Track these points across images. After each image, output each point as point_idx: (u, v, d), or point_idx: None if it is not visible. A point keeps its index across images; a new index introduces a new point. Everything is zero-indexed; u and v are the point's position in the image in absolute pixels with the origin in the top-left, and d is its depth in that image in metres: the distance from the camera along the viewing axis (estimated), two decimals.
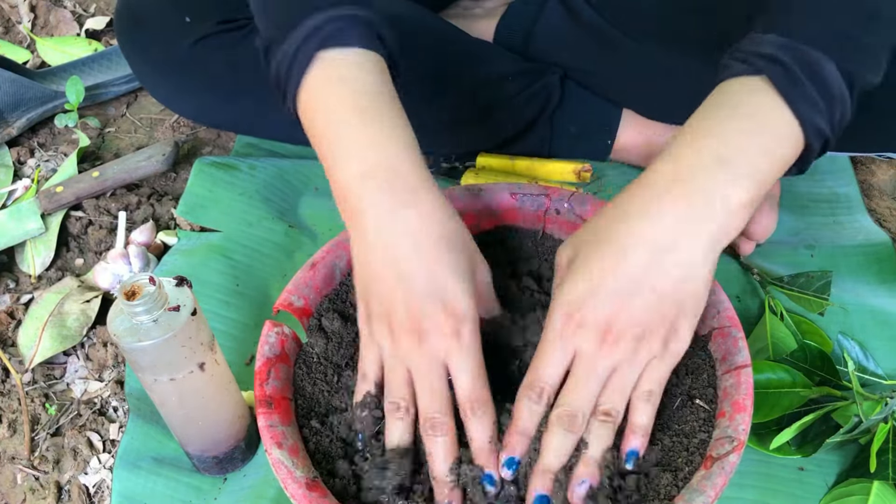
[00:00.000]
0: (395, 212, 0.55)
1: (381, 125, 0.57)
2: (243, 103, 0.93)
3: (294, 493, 0.55)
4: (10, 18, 1.22)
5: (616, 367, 0.54)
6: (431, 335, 0.55)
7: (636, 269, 0.52)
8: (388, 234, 0.56)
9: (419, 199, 0.56)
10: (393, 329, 0.56)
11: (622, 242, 0.53)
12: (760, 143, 0.52)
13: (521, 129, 0.91)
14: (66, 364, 0.82)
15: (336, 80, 0.58)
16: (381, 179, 0.56)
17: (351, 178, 0.56)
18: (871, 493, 0.63)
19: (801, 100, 0.52)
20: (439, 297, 0.55)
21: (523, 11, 0.92)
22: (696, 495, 0.53)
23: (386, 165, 0.56)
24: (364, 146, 0.57)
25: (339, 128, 0.57)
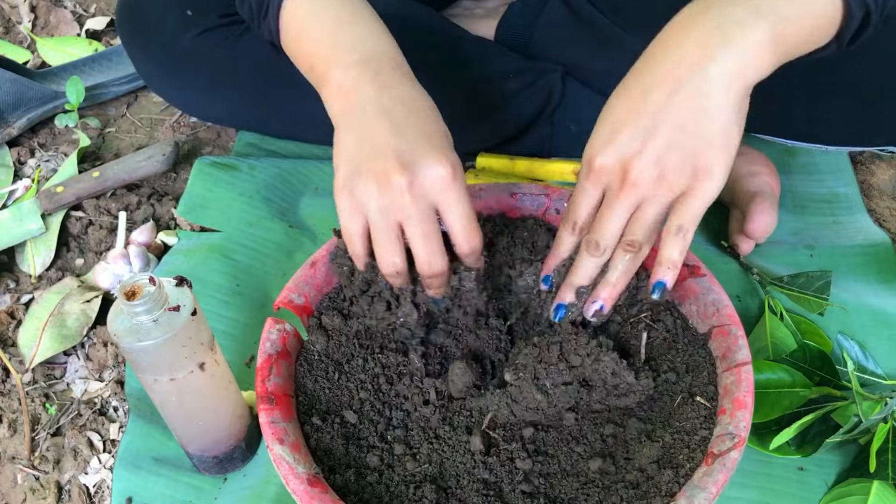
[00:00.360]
0: (388, 87, 0.59)
1: (370, 23, 0.63)
2: (245, 97, 0.93)
3: (296, 489, 0.55)
4: (11, 18, 1.22)
5: (640, 203, 0.57)
6: (424, 177, 0.56)
7: (654, 106, 0.54)
8: (384, 100, 0.58)
9: (411, 80, 0.61)
10: (381, 180, 0.57)
11: (642, 83, 0.55)
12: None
13: (522, 127, 0.92)
14: (67, 364, 0.82)
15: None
16: (378, 63, 0.60)
17: (348, 65, 0.60)
18: (870, 492, 0.63)
19: None
20: (434, 146, 0.57)
21: (524, 10, 0.92)
22: (698, 492, 0.54)
23: (380, 53, 0.61)
24: (360, 39, 0.62)
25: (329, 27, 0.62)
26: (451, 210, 0.57)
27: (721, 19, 0.53)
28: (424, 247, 0.57)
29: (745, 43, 0.52)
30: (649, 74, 0.55)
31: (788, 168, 0.94)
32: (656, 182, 0.55)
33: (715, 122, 0.53)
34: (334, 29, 0.62)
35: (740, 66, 0.53)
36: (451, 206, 0.57)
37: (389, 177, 0.56)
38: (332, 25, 0.62)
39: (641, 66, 0.57)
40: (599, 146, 0.56)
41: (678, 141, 0.53)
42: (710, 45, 0.52)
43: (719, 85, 0.53)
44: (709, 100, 0.53)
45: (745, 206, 0.82)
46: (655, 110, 0.54)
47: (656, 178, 0.54)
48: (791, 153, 0.95)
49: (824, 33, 0.55)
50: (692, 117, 0.53)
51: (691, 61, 0.53)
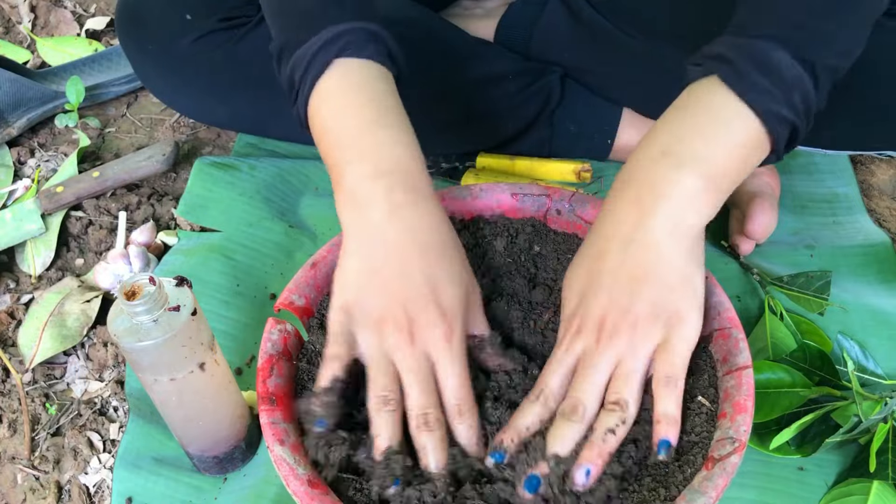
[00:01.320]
0: (402, 208, 0.58)
1: (393, 131, 0.60)
2: (244, 101, 0.93)
3: (296, 490, 0.55)
4: (11, 18, 1.22)
5: (619, 360, 0.56)
6: (425, 334, 0.56)
7: (612, 264, 0.56)
8: (393, 228, 0.57)
9: (425, 201, 0.59)
10: (382, 325, 0.57)
11: (595, 248, 0.58)
12: (709, 132, 0.55)
13: (522, 128, 0.92)
14: (67, 364, 0.82)
15: (351, 85, 0.61)
16: (392, 179, 0.58)
17: (363, 176, 0.58)
18: (870, 492, 0.64)
19: (750, 89, 0.55)
20: (436, 298, 0.57)
21: (524, 11, 0.92)
22: (698, 496, 0.53)
23: (398, 167, 0.59)
24: (378, 148, 0.59)
25: (352, 130, 0.60)
26: (444, 369, 0.57)
27: (648, 179, 0.56)
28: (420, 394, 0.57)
29: (677, 194, 0.55)
30: (600, 238, 0.58)
31: (788, 168, 0.94)
32: (631, 334, 0.55)
33: (672, 269, 0.55)
34: (356, 133, 0.60)
35: (680, 215, 0.55)
36: (444, 366, 0.57)
37: (389, 332, 0.57)
38: (354, 128, 0.60)
39: (592, 233, 0.59)
40: (570, 314, 0.58)
41: (641, 292, 0.55)
42: (644, 202, 0.55)
43: (663, 235, 0.55)
44: (659, 250, 0.55)
45: (745, 206, 0.82)
46: (613, 268, 0.56)
47: (630, 330, 0.55)
48: (791, 154, 0.95)
49: (758, 155, 0.57)
50: (648, 268, 0.55)
51: (633, 220, 0.56)
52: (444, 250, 0.59)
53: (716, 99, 0.56)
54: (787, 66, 0.54)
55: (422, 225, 0.58)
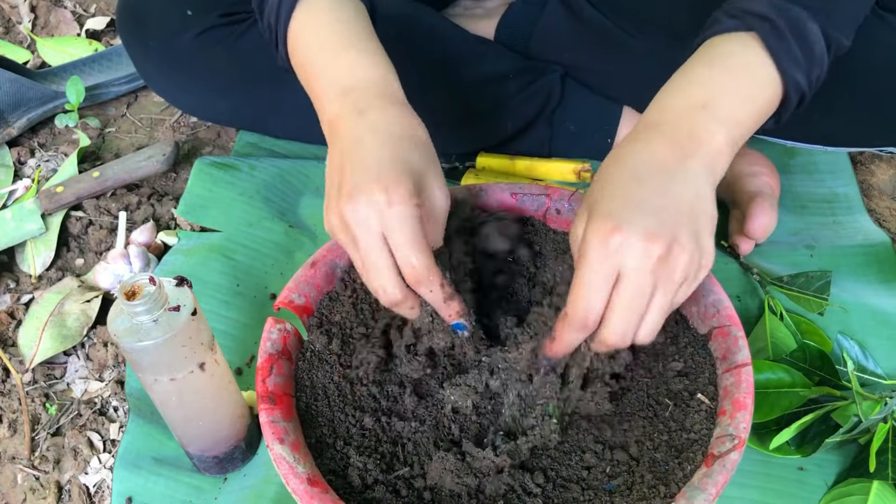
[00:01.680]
0: (366, 113, 0.59)
1: (358, 51, 0.63)
2: (245, 96, 0.93)
3: (296, 489, 0.55)
4: (11, 18, 1.22)
5: (657, 285, 0.53)
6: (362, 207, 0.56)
7: (653, 191, 0.53)
8: (357, 129, 0.59)
9: (389, 105, 0.60)
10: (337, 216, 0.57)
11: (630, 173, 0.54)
12: (743, 92, 0.56)
13: (522, 127, 0.92)
14: (67, 364, 0.82)
15: (316, 16, 0.64)
16: (357, 94, 0.61)
17: (333, 96, 0.61)
18: (870, 492, 0.63)
19: (786, 55, 0.55)
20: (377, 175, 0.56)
21: (524, 11, 0.92)
22: (698, 493, 0.54)
23: (362, 82, 0.61)
24: (345, 69, 0.62)
25: (320, 55, 0.63)
26: (391, 236, 0.56)
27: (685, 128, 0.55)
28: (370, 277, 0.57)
29: (711, 146, 0.55)
30: (636, 165, 0.55)
31: (788, 168, 0.94)
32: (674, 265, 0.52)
33: (706, 208, 0.55)
34: (324, 60, 0.63)
35: (713, 164, 0.55)
36: (391, 233, 0.56)
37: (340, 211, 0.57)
38: (323, 56, 0.63)
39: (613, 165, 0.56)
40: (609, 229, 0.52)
41: (685, 223, 0.53)
42: (685, 146, 0.55)
43: (703, 177, 0.55)
44: (699, 190, 0.54)
45: (745, 206, 0.82)
46: (656, 194, 0.53)
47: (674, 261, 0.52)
48: (791, 153, 0.95)
49: (765, 118, 0.58)
50: (692, 204, 0.54)
51: (675, 157, 0.54)
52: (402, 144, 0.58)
53: (754, 60, 0.56)
54: (816, 39, 0.55)
55: (382, 124, 0.59)
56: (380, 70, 0.62)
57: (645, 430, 0.61)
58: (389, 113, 0.60)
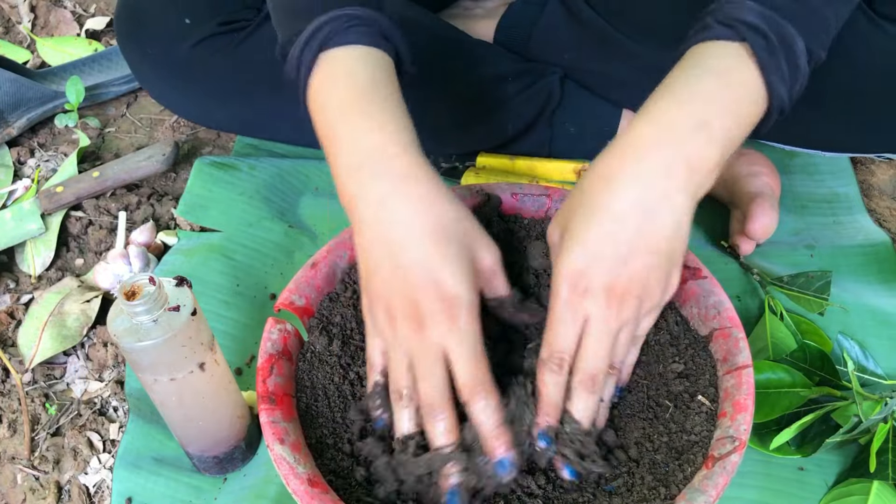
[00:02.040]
0: (386, 199, 0.55)
1: (374, 116, 0.58)
2: (243, 105, 0.93)
3: (296, 489, 0.55)
4: (11, 18, 1.22)
5: (623, 325, 0.56)
6: (427, 321, 0.55)
7: (631, 232, 0.54)
8: (381, 222, 0.56)
9: (410, 185, 0.56)
10: (392, 318, 0.57)
11: (613, 208, 0.54)
12: (737, 110, 0.55)
13: (521, 129, 0.92)
14: (66, 364, 0.82)
15: (334, 77, 0.59)
16: (372, 167, 0.56)
17: (344, 169, 0.57)
18: (870, 493, 0.64)
19: (775, 71, 0.54)
20: (434, 283, 0.55)
21: (523, 12, 0.92)
22: (698, 495, 0.54)
23: (377, 153, 0.56)
24: (356, 136, 0.57)
25: (336, 122, 0.58)
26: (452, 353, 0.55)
27: (683, 150, 0.54)
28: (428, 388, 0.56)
29: (704, 171, 0.54)
30: (616, 199, 0.54)
31: (789, 168, 0.94)
32: (640, 302, 0.55)
33: (682, 245, 0.55)
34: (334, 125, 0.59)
35: (699, 191, 0.55)
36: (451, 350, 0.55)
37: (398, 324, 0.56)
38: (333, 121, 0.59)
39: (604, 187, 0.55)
40: (578, 272, 0.54)
41: (657, 263, 0.54)
42: (674, 175, 0.53)
43: (684, 211, 0.54)
44: (679, 226, 0.54)
45: (745, 206, 0.82)
46: (632, 237, 0.54)
47: (640, 299, 0.55)
48: (791, 154, 0.96)
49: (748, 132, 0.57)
50: (665, 244, 0.54)
51: (659, 191, 0.54)
52: (437, 233, 0.56)
53: (748, 75, 0.55)
54: (801, 54, 0.55)
55: (408, 213, 0.55)
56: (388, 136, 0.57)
57: (645, 431, 0.61)
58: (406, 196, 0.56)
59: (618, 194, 0.54)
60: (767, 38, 0.54)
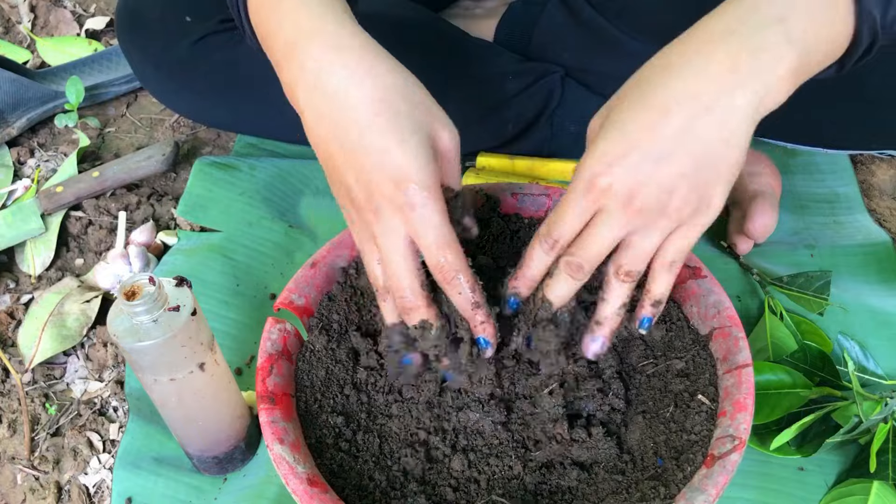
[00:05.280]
0: (321, 75, 0.52)
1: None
2: (244, 103, 0.93)
3: (295, 489, 0.55)
4: (10, 18, 1.22)
5: (636, 230, 0.52)
6: (384, 209, 0.52)
7: (674, 129, 0.49)
8: (319, 100, 0.52)
9: (349, 56, 0.52)
10: (356, 208, 0.54)
11: (662, 98, 0.49)
12: (820, 16, 0.49)
13: (522, 128, 0.92)
14: (66, 364, 0.82)
15: None
16: (301, 49, 0.53)
17: (282, 49, 0.54)
18: (870, 493, 0.63)
19: None
20: (385, 165, 0.51)
21: (524, 11, 0.92)
22: (698, 494, 0.54)
23: (303, 34, 0.53)
24: (283, 25, 0.54)
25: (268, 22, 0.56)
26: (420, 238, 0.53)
27: (753, 42, 0.48)
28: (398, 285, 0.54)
29: (775, 73, 0.48)
30: (669, 88, 0.49)
31: (789, 168, 0.94)
32: (661, 212, 0.50)
33: (731, 155, 0.50)
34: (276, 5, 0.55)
35: (765, 97, 0.49)
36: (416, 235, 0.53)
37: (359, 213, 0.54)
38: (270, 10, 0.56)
39: (658, 75, 0.50)
40: (605, 163, 0.50)
41: (693, 171, 0.49)
42: (740, 69, 0.48)
43: (744, 116, 0.49)
44: (731, 131, 0.49)
45: (745, 205, 0.82)
46: (675, 134, 0.49)
47: (662, 208, 0.50)
48: (791, 153, 0.95)
49: (833, 58, 0.51)
50: (712, 148, 0.49)
51: (719, 84, 0.48)
52: (380, 99, 0.51)
53: None
54: None
55: (348, 86, 0.51)
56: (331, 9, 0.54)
57: (645, 430, 0.61)
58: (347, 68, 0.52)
59: (671, 84, 0.49)
60: None
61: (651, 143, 0.49)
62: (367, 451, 0.62)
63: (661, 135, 0.49)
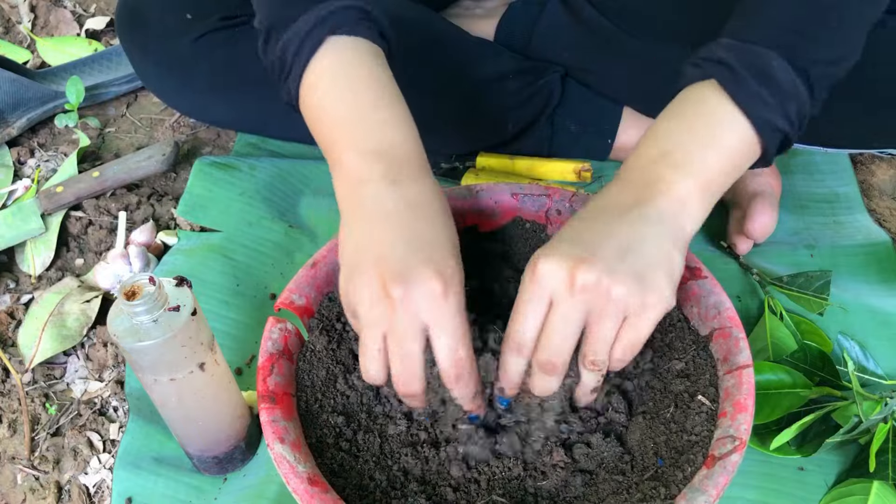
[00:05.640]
0: (398, 184, 0.57)
1: (390, 112, 0.60)
2: (245, 100, 0.93)
3: (296, 488, 0.55)
4: (10, 18, 1.22)
5: (592, 317, 0.54)
6: (416, 293, 0.54)
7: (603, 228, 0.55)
8: (388, 201, 0.57)
9: (420, 179, 0.59)
10: (372, 290, 0.55)
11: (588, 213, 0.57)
12: (705, 137, 0.56)
13: (522, 128, 0.92)
14: (66, 364, 0.82)
15: (345, 64, 0.60)
16: (389, 159, 0.58)
17: (360, 154, 0.58)
18: (870, 493, 0.64)
19: (748, 97, 0.55)
20: (430, 259, 0.55)
21: (524, 11, 0.92)
22: (698, 494, 0.54)
23: (395, 149, 0.59)
24: (376, 130, 0.59)
25: (349, 110, 0.60)
26: (438, 332, 0.55)
27: (648, 176, 0.56)
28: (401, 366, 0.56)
29: (674, 193, 0.55)
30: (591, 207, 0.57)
31: (788, 168, 0.94)
32: (605, 293, 0.53)
33: (658, 248, 0.54)
34: (353, 113, 0.60)
35: (675, 213, 0.55)
36: (439, 328, 0.54)
37: (378, 299, 0.54)
38: (351, 109, 0.60)
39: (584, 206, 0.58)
40: (543, 254, 0.54)
41: (624, 258, 0.53)
42: (642, 196, 0.55)
43: (659, 224, 0.54)
44: (650, 230, 0.54)
45: (745, 205, 0.82)
46: (603, 230, 0.55)
47: (605, 289, 0.52)
48: (791, 153, 0.95)
49: (747, 161, 0.57)
50: (636, 241, 0.54)
51: (630, 202, 0.55)
52: (439, 218, 0.58)
53: (712, 104, 0.56)
54: (784, 74, 0.55)
55: (421, 195, 0.58)
56: (406, 135, 0.60)
57: (645, 431, 0.61)
58: (420, 186, 0.58)
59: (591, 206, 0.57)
60: (731, 67, 0.55)
61: (577, 236, 0.55)
62: (367, 451, 0.62)
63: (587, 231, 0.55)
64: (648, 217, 0.54)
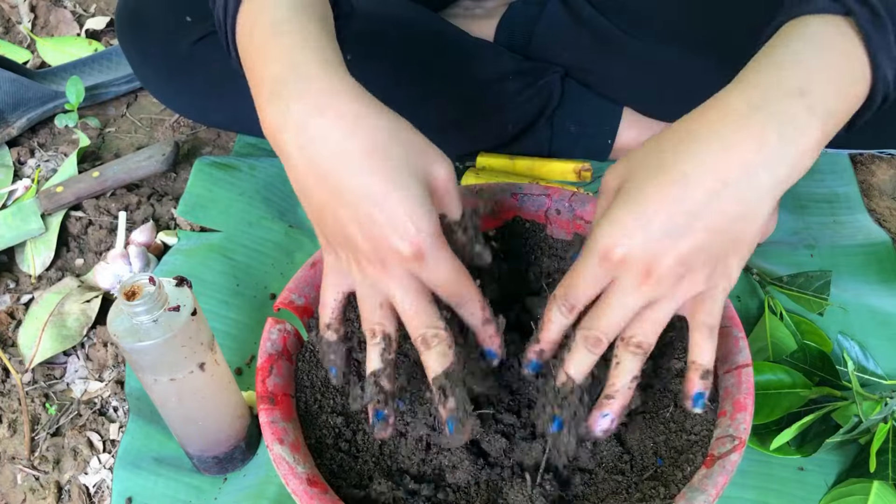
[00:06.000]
0: (308, 122, 0.50)
1: (292, 39, 0.53)
2: (244, 103, 0.92)
3: (295, 489, 0.55)
4: (10, 18, 1.22)
5: (651, 302, 0.51)
6: (392, 265, 0.52)
7: (693, 203, 0.48)
8: (309, 149, 0.51)
9: (333, 102, 0.51)
10: (357, 258, 0.54)
11: (683, 170, 0.48)
12: (839, 82, 0.49)
13: (522, 128, 0.92)
14: (66, 364, 0.82)
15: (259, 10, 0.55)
16: (290, 91, 0.51)
17: (264, 100, 0.52)
18: (870, 493, 0.64)
19: (881, 47, 0.49)
20: (387, 219, 0.50)
21: (524, 11, 0.92)
22: (698, 494, 0.54)
23: (293, 76, 0.51)
24: (272, 63, 0.53)
25: (256, 53, 0.54)
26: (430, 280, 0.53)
27: (777, 117, 0.48)
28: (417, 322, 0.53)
29: (800, 147, 0.48)
30: (691, 160, 0.48)
31: None
32: (677, 282, 0.50)
33: (750, 230, 0.49)
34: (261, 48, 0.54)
35: (790, 173, 0.49)
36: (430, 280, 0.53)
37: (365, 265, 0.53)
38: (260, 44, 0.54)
39: (679, 145, 0.49)
40: (621, 234, 0.49)
41: (711, 244, 0.49)
42: (766, 146, 0.47)
43: (766, 192, 0.48)
44: (752, 208, 0.48)
45: None
46: (694, 209, 0.48)
47: (678, 278, 0.49)
48: None
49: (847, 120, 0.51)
50: (732, 224, 0.48)
51: (743, 161, 0.47)
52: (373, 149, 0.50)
53: (851, 49, 0.49)
54: None
55: (336, 135, 0.50)
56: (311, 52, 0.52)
57: (644, 430, 0.61)
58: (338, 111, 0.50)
59: (693, 155, 0.48)
60: (875, 12, 0.48)
61: (669, 216, 0.48)
62: (367, 452, 0.62)
63: (680, 209, 0.48)
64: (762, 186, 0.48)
